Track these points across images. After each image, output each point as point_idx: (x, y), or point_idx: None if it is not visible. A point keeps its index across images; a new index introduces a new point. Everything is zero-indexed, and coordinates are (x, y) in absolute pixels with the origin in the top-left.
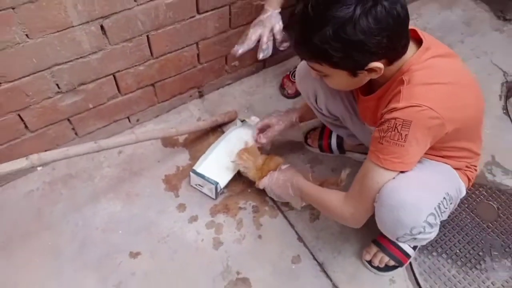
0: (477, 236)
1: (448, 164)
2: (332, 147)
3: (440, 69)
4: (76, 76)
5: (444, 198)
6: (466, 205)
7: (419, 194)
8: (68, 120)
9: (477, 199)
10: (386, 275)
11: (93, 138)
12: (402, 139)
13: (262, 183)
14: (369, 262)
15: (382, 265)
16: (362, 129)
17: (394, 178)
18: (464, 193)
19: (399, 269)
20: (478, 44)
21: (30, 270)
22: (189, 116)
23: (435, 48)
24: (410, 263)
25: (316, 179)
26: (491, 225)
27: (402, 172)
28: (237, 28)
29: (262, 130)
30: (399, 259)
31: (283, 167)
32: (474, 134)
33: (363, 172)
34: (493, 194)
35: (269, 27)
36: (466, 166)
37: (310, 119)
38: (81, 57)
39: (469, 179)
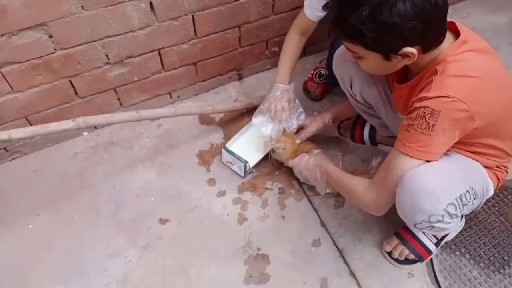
0: (504, 240)
1: (478, 161)
2: (364, 138)
3: (475, 63)
4: (124, 49)
5: (468, 191)
6: (497, 208)
7: (441, 181)
8: (114, 90)
9: (509, 204)
10: (405, 268)
11: (136, 109)
12: (429, 128)
13: (292, 162)
14: (389, 253)
15: (402, 258)
16: (395, 119)
17: (418, 166)
18: (491, 192)
19: (419, 263)
20: None
21: (72, 223)
22: (227, 97)
23: (472, 42)
24: (431, 259)
25: (345, 168)
26: None
27: (427, 161)
28: (280, 14)
29: (296, 131)
30: (420, 254)
31: (315, 151)
32: (506, 133)
33: (389, 160)
34: None
35: (286, 101)
36: (497, 166)
37: (343, 119)
38: (130, 31)
39: (498, 180)
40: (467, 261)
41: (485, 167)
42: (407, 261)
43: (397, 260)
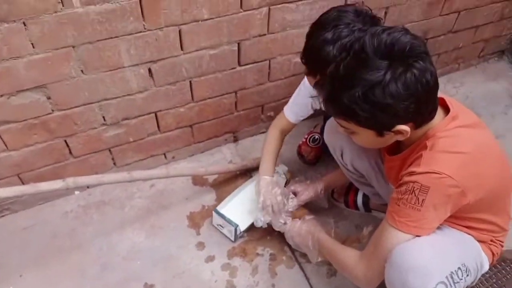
0: None
1: (471, 235)
2: (358, 204)
3: (464, 139)
4: (121, 111)
5: (459, 268)
6: (494, 280)
7: (431, 258)
8: (109, 150)
9: (507, 275)
10: None
11: (129, 170)
12: (419, 203)
13: (284, 228)
14: None
15: None
16: (387, 188)
17: (408, 240)
18: (486, 268)
19: None
20: None
21: (59, 283)
22: (221, 158)
23: (462, 117)
24: None
25: (338, 235)
26: None
27: (417, 236)
28: (275, 82)
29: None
30: None
31: (307, 217)
32: (501, 208)
33: (379, 233)
34: None
35: (279, 194)
36: (491, 240)
37: (335, 187)
38: (128, 95)
39: (493, 254)
40: None
41: (479, 241)
42: None
43: None
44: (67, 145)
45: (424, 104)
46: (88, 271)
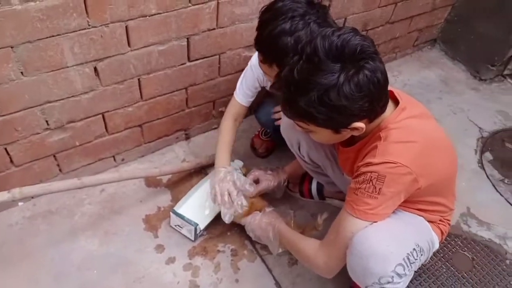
0: (452, 286)
1: (422, 217)
2: (313, 193)
3: (414, 129)
4: (65, 114)
5: (414, 249)
6: (442, 255)
7: (388, 243)
8: (54, 156)
9: (453, 249)
10: None
11: (77, 175)
12: (376, 191)
13: (244, 220)
14: None
15: None
16: (341, 177)
17: (366, 227)
18: (437, 246)
19: None
20: (455, 101)
21: None
22: (174, 157)
23: (410, 109)
24: None
25: (297, 225)
26: (465, 275)
27: (374, 222)
28: (226, 76)
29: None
30: None
31: (268, 209)
32: (448, 190)
33: (338, 221)
34: (468, 245)
35: (231, 184)
36: (440, 220)
37: (297, 177)
38: (72, 96)
39: (442, 233)
40: None
41: (429, 221)
42: None
43: None
44: (8, 154)
45: (376, 101)
46: (41, 282)
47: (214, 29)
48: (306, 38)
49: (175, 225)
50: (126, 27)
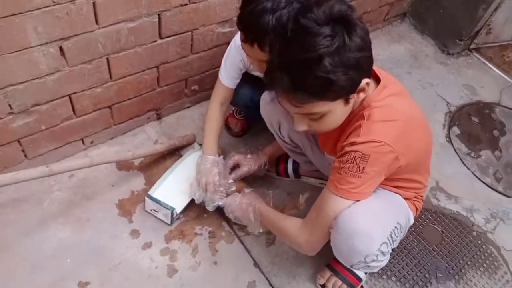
0: (423, 258)
1: (399, 194)
2: (289, 172)
3: (396, 107)
4: (30, 97)
5: (395, 227)
6: (413, 229)
7: (373, 223)
8: (18, 141)
9: (423, 223)
10: None
11: (44, 160)
12: (359, 171)
13: (223, 202)
14: (323, 286)
15: None
16: (320, 157)
17: (349, 206)
18: (412, 221)
19: None
20: (424, 76)
21: None
22: (146, 139)
23: (390, 86)
24: (362, 286)
25: (275, 205)
26: (436, 248)
27: (357, 201)
28: (199, 54)
29: (232, 167)
30: (351, 282)
31: (247, 190)
32: (424, 167)
33: (321, 200)
34: (438, 218)
35: (216, 174)
36: (415, 197)
37: (276, 157)
38: (37, 78)
39: (416, 209)
40: (394, 283)
41: (405, 198)
42: None
43: None
44: None
45: (371, 54)
46: (17, 274)
47: (186, 4)
48: (287, 17)
49: (151, 210)
50: (94, 3)
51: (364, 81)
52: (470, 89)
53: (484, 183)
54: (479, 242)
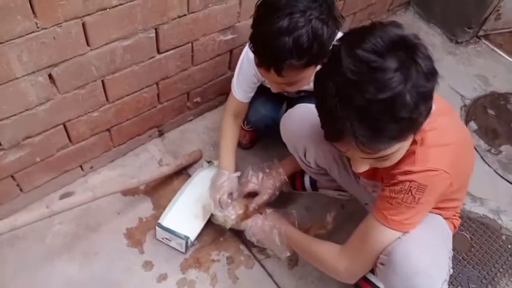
0: (454, 269)
1: (440, 215)
2: (306, 186)
3: (447, 129)
4: (21, 131)
5: (449, 257)
6: None
7: (433, 261)
8: (12, 177)
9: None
10: None
11: (40, 192)
12: (415, 202)
13: (244, 225)
14: None
15: None
16: (348, 179)
17: (400, 239)
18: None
19: None
20: None
21: None
22: (149, 158)
23: (437, 104)
24: None
25: (300, 224)
26: (466, 257)
27: (406, 232)
28: (200, 65)
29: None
30: None
31: (268, 211)
32: (466, 185)
33: (366, 229)
34: (465, 223)
35: (227, 192)
36: (453, 215)
37: (295, 171)
38: (26, 110)
39: (455, 227)
40: None
41: (445, 218)
42: None
43: None
44: None
45: None
46: None
47: (185, 15)
48: (306, 38)
49: (162, 238)
50: (83, 24)
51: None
52: (483, 80)
53: (508, 181)
54: (509, 246)
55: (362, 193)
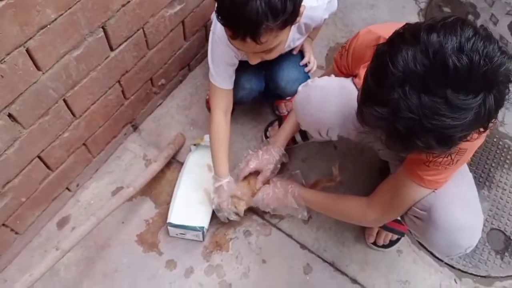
0: None
1: None
2: (296, 139)
3: None
4: None
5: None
6: None
7: (472, 215)
8: (3, 225)
9: None
10: (392, 249)
11: (36, 227)
12: (453, 163)
13: (255, 201)
14: (374, 243)
15: (387, 242)
16: (368, 139)
17: (435, 193)
18: None
19: (402, 239)
20: None
21: None
22: (133, 157)
23: None
24: (409, 230)
25: (307, 182)
26: None
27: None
28: (156, 47)
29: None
30: (400, 230)
31: (275, 179)
32: None
33: (397, 185)
34: None
35: (225, 198)
36: None
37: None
38: None
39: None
40: None
41: None
42: (392, 243)
43: (383, 246)
44: None
45: None
46: None
47: (128, 1)
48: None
49: (176, 234)
50: (27, 50)
51: None
52: None
53: None
54: (494, 140)
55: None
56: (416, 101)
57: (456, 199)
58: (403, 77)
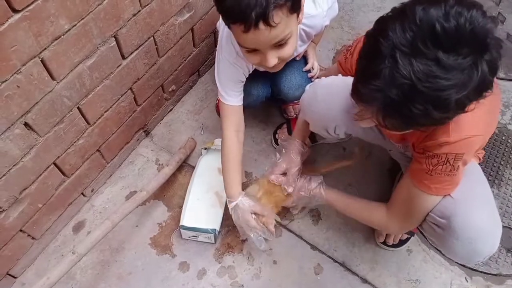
0: None
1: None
2: (306, 142)
3: None
4: (14, 187)
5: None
6: None
7: (491, 220)
8: (21, 231)
9: None
10: (402, 248)
11: (52, 232)
12: (454, 169)
13: (291, 202)
14: (384, 243)
15: (397, 242)
16: (377, 138)
17: (453, 198)
18: None
19: (411, 238)
20: None
21: None
22: (145, 162)
23: None
24: (418, 229)
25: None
26: None
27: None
28: (166, 54)
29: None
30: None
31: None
32: None
33: (409, 197)
34: None
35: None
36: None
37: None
38: (13, 166)
39: (479, 159)
40: None
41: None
42: (402, 242)
43: (393, 246)
44: None
45: None
46: None
47: (139, 11)
48: None
49: (189, 237)
50: (42, 61)
51: None
52: None
53: None
54: (503, 138)
55: (390, 146)
56: (408, 66)
57: (476, 206)
58: (393, 45)
